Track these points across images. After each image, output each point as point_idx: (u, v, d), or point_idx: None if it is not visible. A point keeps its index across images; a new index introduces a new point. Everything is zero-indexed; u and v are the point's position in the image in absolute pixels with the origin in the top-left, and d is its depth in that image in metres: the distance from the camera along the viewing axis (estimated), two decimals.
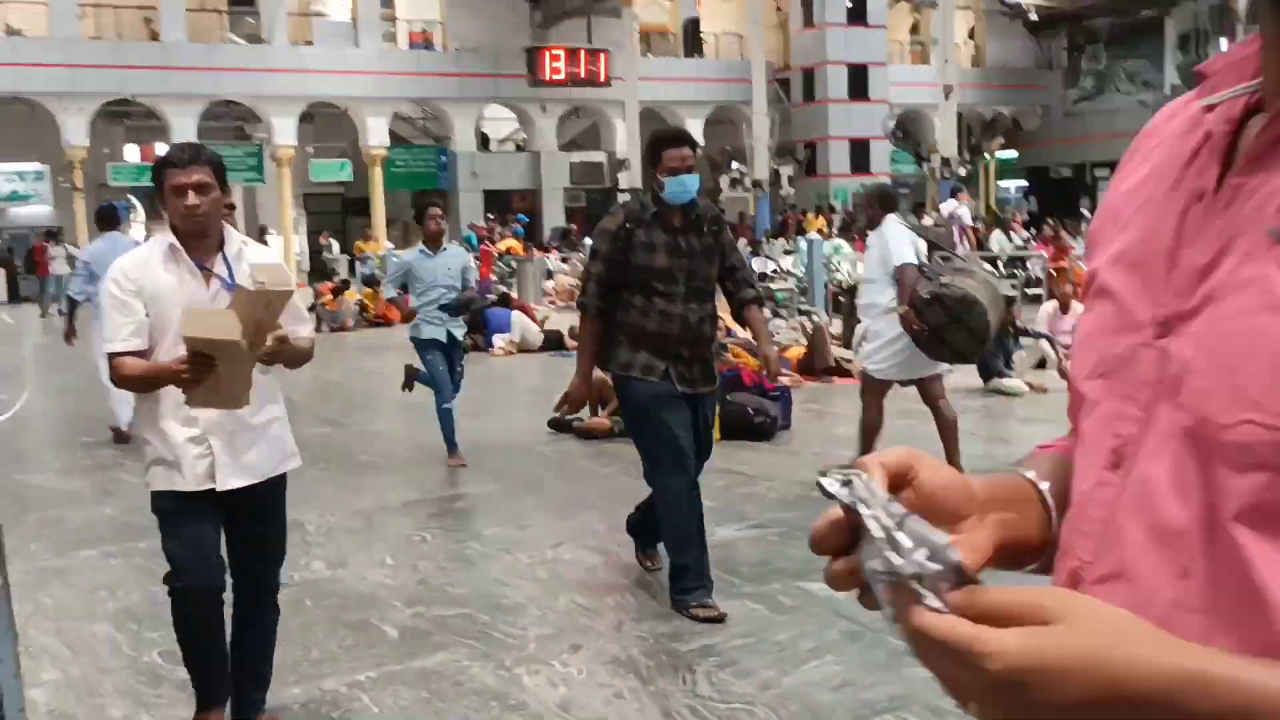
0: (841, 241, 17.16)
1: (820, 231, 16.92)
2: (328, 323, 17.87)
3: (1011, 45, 37.66)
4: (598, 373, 4.86)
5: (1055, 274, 12.36)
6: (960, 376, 8.13)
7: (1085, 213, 25.77)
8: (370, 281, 20.80)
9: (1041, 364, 9.91)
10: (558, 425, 8.57)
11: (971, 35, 38.78)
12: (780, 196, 33.73)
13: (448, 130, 32.73)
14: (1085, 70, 36.46)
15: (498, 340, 13.79)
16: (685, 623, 4.48)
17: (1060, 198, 33.14)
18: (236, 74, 28.99)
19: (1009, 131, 35.15)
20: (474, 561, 5.50)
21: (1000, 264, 16.07)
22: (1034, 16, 34.40)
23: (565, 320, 15.28)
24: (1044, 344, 9.70)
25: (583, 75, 31.28)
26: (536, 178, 33.12)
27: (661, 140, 4.60)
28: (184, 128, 28.99)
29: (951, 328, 5.72)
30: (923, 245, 6.25)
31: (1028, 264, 14.45)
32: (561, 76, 31.20)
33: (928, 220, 27.14)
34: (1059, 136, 36.72)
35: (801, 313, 13.59)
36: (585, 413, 8.61)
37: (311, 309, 22.47)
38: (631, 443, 7.84)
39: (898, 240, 6.16)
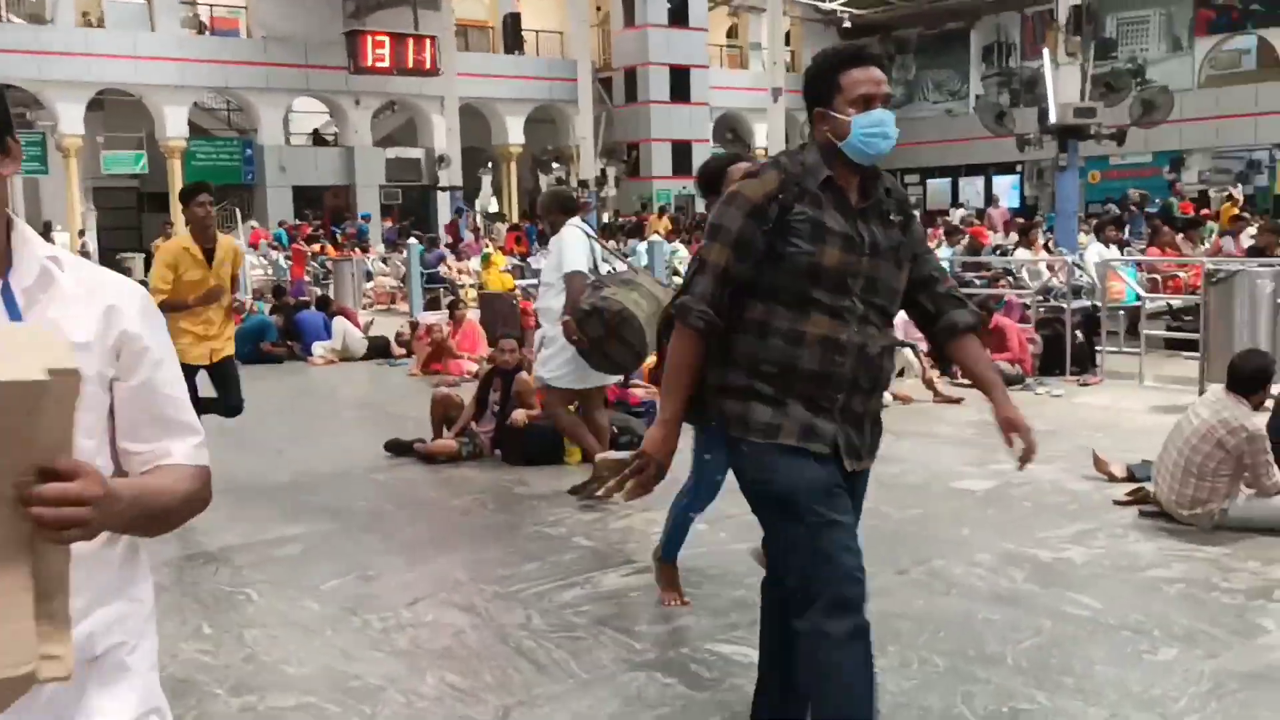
0: (679, 245, 16.58)
1: (660, 233, 16.28)
2: None
3: None
4: (452, 390, 3.83)
5: None
6: None
7: None
8: None
9: (900, 373, 9.45)
10: (396, 448, 7.57)
11: (788, 41, 39.09)
12: (601, 199, 33.26)
13: (254, 122, 30.78)
14: (895, 79, 37.11)
15: (317, 348, 12.58)
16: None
17: None
18: (16, 56, 26.39)
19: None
20: (313, 628, 4.50)
21: None
22: (847, 24, 34.83)
23: (390, 325, 14.19)
24: (907, 352, 9.25)
25: (410, 64, 29.52)
26: (350, 174, 31.51)
27: (840, 59, 2.77)
28: None
29: (609, 341, 5.61)
30: (600, 253, 6.11)
31: None
32: (385, 64, 29.41)
33: None
34: None
35: None
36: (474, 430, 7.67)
37: None
38: (483, 468, 6.97)
39: (571, 246, 5.93)
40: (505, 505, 6.37)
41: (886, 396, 8.87)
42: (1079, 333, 10.08)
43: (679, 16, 32.39)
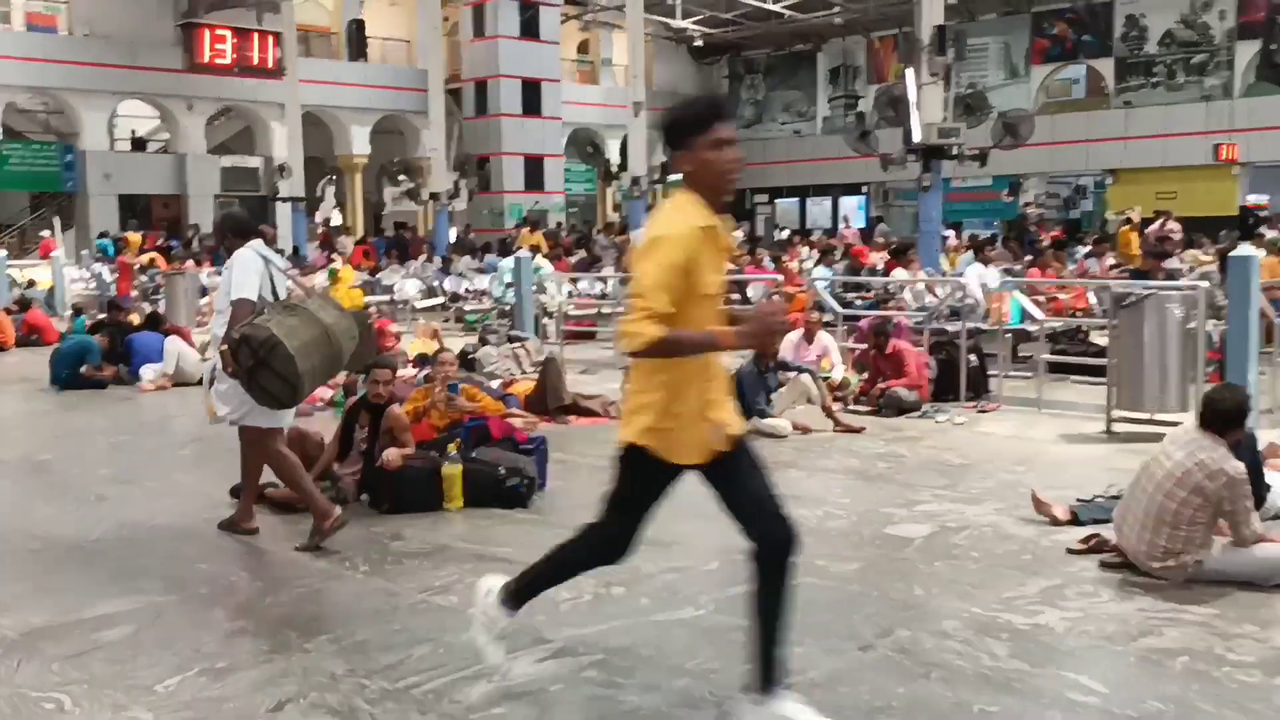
0: (543, 261, 15.68)
1: (535, 248, 15.27)
2: None
3: (677, 71, 37.82)
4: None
5: (787, 300, 11.42)
6: None
7: (739, 235, 25.69)
8: None
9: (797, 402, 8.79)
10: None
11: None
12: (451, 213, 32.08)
13: (75, 125, 28.46)
14: (745, 99, 37.11)
15: (147, 372, 11.18)
16: None
17: None
18: None
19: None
20: None
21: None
22: (698, 43, 34.57)
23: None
24: (805, 378, 8.60)
25: (253, 62, 27.46)
26: (182, 182, 29.46)
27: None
28: None
29: (260, 370, 5.18)
30: (280, 281, 5.66)
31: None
32: (226, 61, 27.32)
33: (602, 240, 26.37)
34: None
35: (513, 339, 11.95)
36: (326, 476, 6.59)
37: None
38: (349, 517, 5.89)
39: (241, 271, 5.48)
40: (379, 565, 5.36)
41: (785, 424, 8.34)
42: (974, 356, 9.62)
43: (530, 29, 31.50)
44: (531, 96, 31.62)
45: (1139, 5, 29.29)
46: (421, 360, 12.05)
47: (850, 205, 34.69)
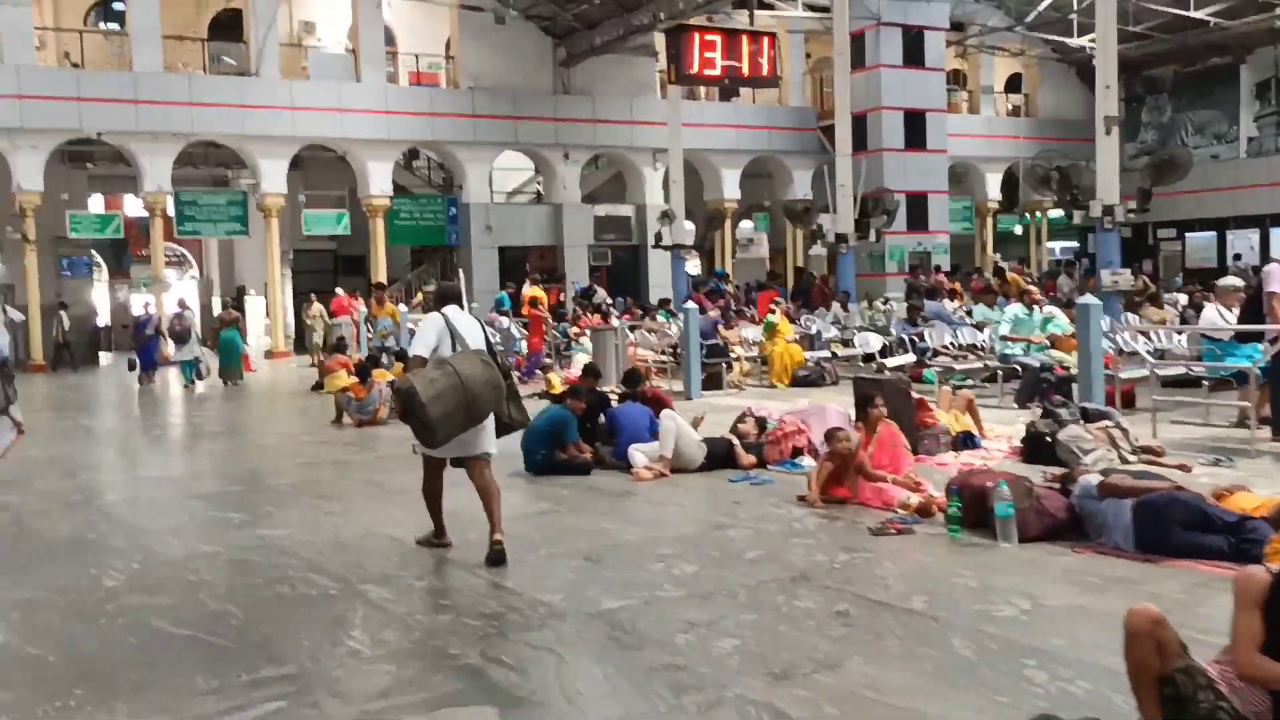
0: (1055, 310, 12.36)
1: (1028, 295, 11.96)
2: (353, 414, 12.77)
3: (1063, 96, 33.59)
4: None
5: None
6: None
7: (1144, 278, 21.16)
8: (385, 355, 15.77)
9: None
10: None
11: (1019, 85, 34.69)
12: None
13: (458, 179, 27.83)
14: (1146, 123, 32.35)
15: (638, 455, 8.76)
16: None
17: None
18: (220, 110, 23.93)
19: (1063, 185, 30.97)
20: None
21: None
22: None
23: (720, 420, 10.17)
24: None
25: (745, 71, 23.83)
26: (557, 233, 28.23)
27: None
28: (157, 171, 23.85)
29: (409, 416, 5.95)
30: (478, 335, 6.36)
31: None
32: (716, 71, 23.67)
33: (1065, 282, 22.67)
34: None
35: (1090, 414, 8.70)
36: None
37: (318, 387, 17.31)
38: None
39: (423, 327, 6.36)
40: None
41: None
42: None
43: (914, 56, 28.34)
44: (914, 129, 28.39)
45: None
46: (966, 441, 9.03)
47: None
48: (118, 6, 27.63)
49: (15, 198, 23.04)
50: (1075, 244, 35.12)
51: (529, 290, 22.36)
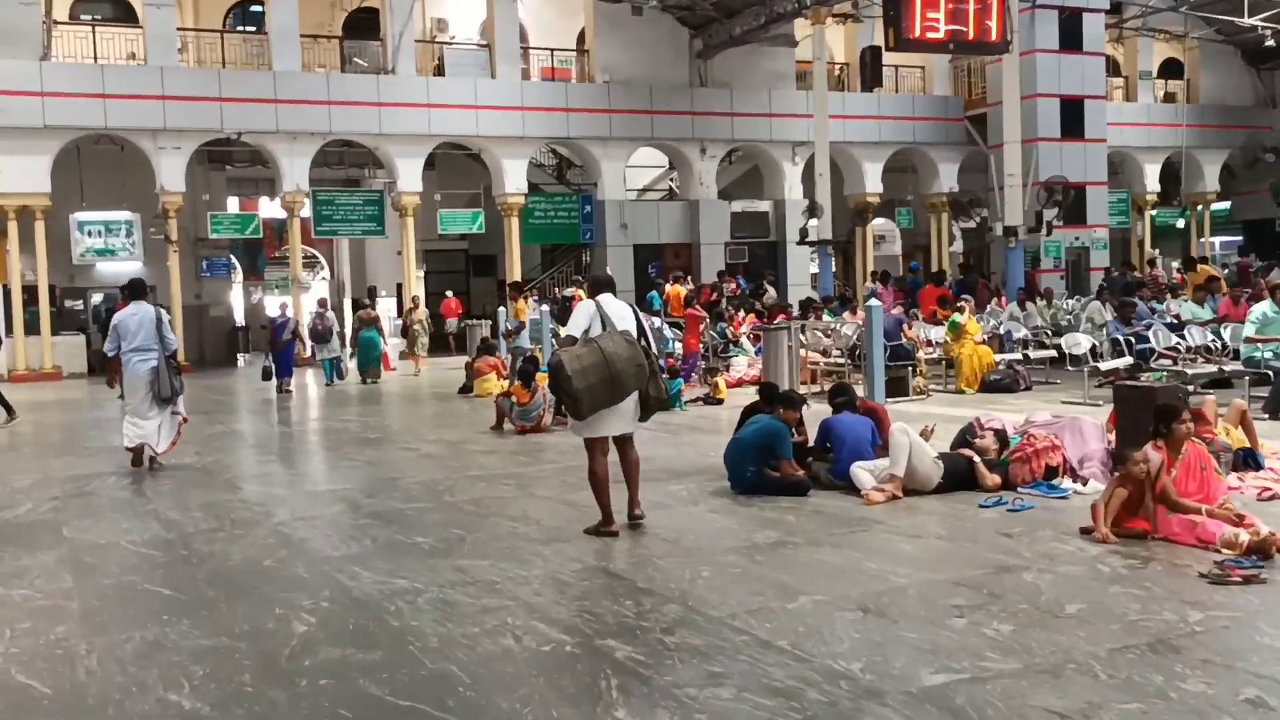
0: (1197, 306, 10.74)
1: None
2: (514, 420, 11.85)
3: (1225, 80, 31.26)
4: None
5: None
6: None
7: None
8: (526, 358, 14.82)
9: None
10: None
11: (1178, 70, 32.41)
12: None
13: (591, 175, 26.94)
14: None
15: (863, 474, 7.56)
16: None
17: None
18: (357, 109, 23.43)
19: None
20: None
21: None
22: (1270, 42, 27.90)
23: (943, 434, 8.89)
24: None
25: (970, 34, 21.31)
26: (693, 229, 27.13)
27: None
28: (295, 171, 23.46)
29: (559, 390, 6.41)
30: (629, 320, 6.69)
31: None
32: (939, 34, 21.22)
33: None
34: None
35: None
36: None
37: (465, 390, 16.48)
38: None
39: (577, 314, 6.74)
40: None
41: None
42: None
43: (1071, 40, 26.48)
44: (1071, 116, 26.52)
45: None
46: (1248, 459, 7.64)
47: None
48: (255, 9, 27.44)
49: (159, 199, 22.88)
50: (1239, 238, 32.73)
51: (671, 288, 21.33)
